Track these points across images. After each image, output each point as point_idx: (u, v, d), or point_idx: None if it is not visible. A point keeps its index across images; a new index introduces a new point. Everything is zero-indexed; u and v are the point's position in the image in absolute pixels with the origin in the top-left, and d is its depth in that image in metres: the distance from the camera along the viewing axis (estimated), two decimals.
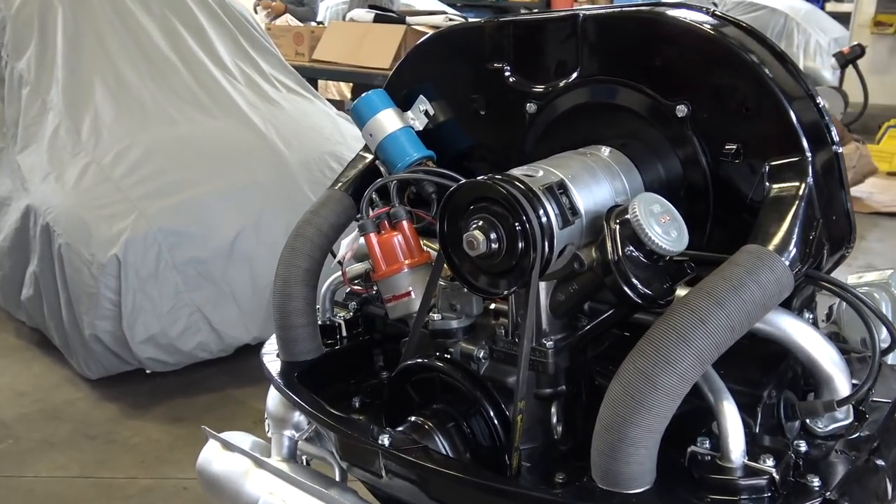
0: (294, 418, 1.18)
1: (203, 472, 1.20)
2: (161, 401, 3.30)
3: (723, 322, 0.75)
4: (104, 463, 2.89)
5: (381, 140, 1.15)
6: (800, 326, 0.86)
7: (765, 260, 0.78)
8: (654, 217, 0.83)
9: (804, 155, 0.84)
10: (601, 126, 1.00)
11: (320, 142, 3.80)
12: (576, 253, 0.87)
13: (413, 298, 1.06)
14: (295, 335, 1.14)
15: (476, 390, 0.94)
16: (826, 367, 0.85)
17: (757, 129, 0.87)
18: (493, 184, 0.84)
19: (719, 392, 0.81)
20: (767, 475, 0.77)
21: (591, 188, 0.90)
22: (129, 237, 3.03)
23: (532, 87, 1.05)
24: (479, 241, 0.84)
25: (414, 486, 0.93)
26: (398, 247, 1.06)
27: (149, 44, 3.91)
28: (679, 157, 0.94)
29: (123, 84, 3.70)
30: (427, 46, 1.18)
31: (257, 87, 4.06)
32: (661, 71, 0.93)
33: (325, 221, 1.17)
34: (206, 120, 3.69)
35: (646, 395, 0.75)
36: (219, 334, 3.28)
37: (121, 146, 3.41)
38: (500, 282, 0.87)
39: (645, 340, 0.77)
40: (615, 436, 0.77)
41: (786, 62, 0.89)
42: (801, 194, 0.83)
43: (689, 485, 0.80)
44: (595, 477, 0.81)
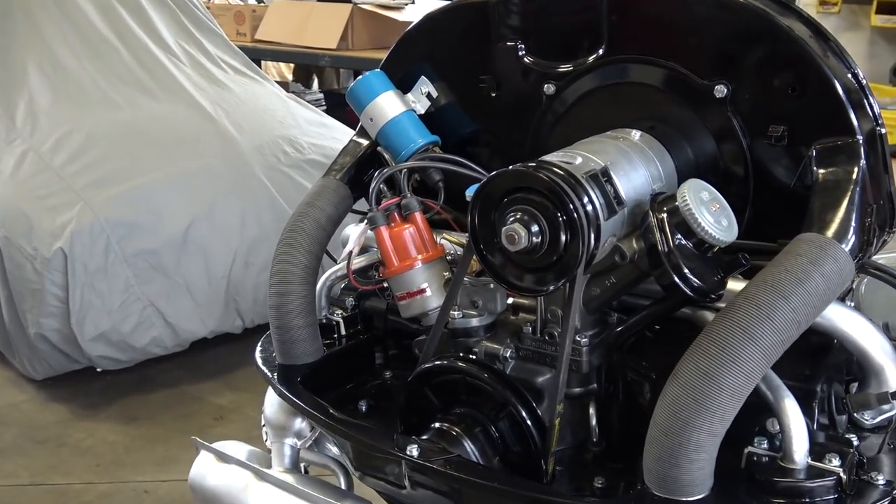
0: (295, 425, 1.10)
1: (197, 488, 1.11)
2: (113, 400, 3.16)
3: (789, 317, 0.71)
4: (56, 468, 2.74)
5: (383, 125, 1.07)
6: (851, 316, 0.82)
7: (827, 250, 0.74)
8: (705, 205, 0.78)
9: (855, 136, 0.81)
10: (627, 108, 0.94)
11: (273, 125, 3.67)
12: (617, 245, 0.82)
13: (428, 295, 0.99)
14: (294, 336, 1.06)
15: (507, 392, 0.88)
16: (877, 357, 0.82)
17: (805, 109, 0.83)
18: (532, 172, 0.77)
19: (779, 389, 0.77)
20: (835, 475, 0.74)
21: (630, 175, 0.84)
22: (75, 229, 2.88)
23: (550, 67, 0.99)
24: (521, 235, 0.77)
25: (445, 497, 0.87)
26: (411, 240, 0.99)
27: (85, 23, 3.71)
28: (715, 140, 0.89)
29: (59, 66, 3.50)
30: (428, 24, 1.10)
31: (203, 69, 3.90)
32: (697, 48, 0.88)
33: (323, 213, 1.08)
34: (150, 103, 3.53)
35: (710, 397, 0.71)
36: (173, 329, 3.16)
37: (60, 132, 3.23)
38: (539, 278, 0.80)
39: (706, 338, 0.72)
40: (675, 441, 0.72)
41: (828, 39, 0.85)
42: (854, 178, 0.79)
43: (750, 488, 0.76)
44: (649, 483, 0.76)
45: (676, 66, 0.89)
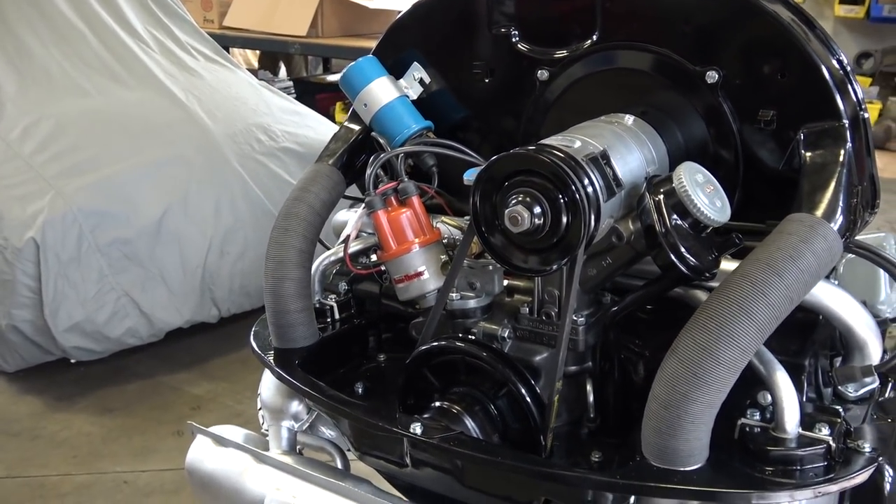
0: (292, 408, 1.11)
1: (194, 472, 1.12)
2: (88, 391, 3.12)
3: (783, 293, 0.74)
4: (32, 460, 2.71)
5: (378, 111, 1.08)
6: (837, 293, 0.86)
7: (817, 228, 0.78)
8: (700, 186, 0.81)
9: (841, 120, 0.84)
10: (619, 94, 0.97)
11: (246, 113, 3.64)
12: (614, 226, 0.84)
13: (426, 278, 1.00)
14: (291, 320, 1.07)
15: (507, 371, 0.90)
16: (862, 332, 0.86)
17: (793, 94, 0.86)
18: (535, 155, 0.79)
19: (771, 363, 0.80)
20: (824, 444, 0.77)
21: (626, 158, 0.87)
22: (47, 219, 2.83)
23: (544, 53, 1.01)
24: (524, 216, 0.79)
25: (446, 474, 0.89)
26: (409, 224, 1.00)
27: (50, 9, 3.63)
28: (706, 124, 0.92)
29: (25, 53, 3.43)
30: (421, 10, 1.11)
31: (173, 56, 3.84)
32: (689, 35, 0.90)
33: (317, 198, 1.09)
34: (120, 91, 3.48)
35: (707, 371, 0.74)
36: (148, 318, 3.13)
37: (28, 120, 3.17)
38: (542, 258, 0.82)
39: (703, 314, 0.75)
40: (674, 413, 0.75)
41: (814, 26, 0.88)
42: (841, 161, 0.83)
43: (744, 458, 0.79)
44: (648, 455, 0.79)
45: (668, 53, 0.92)
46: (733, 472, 0.77)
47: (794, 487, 0.75)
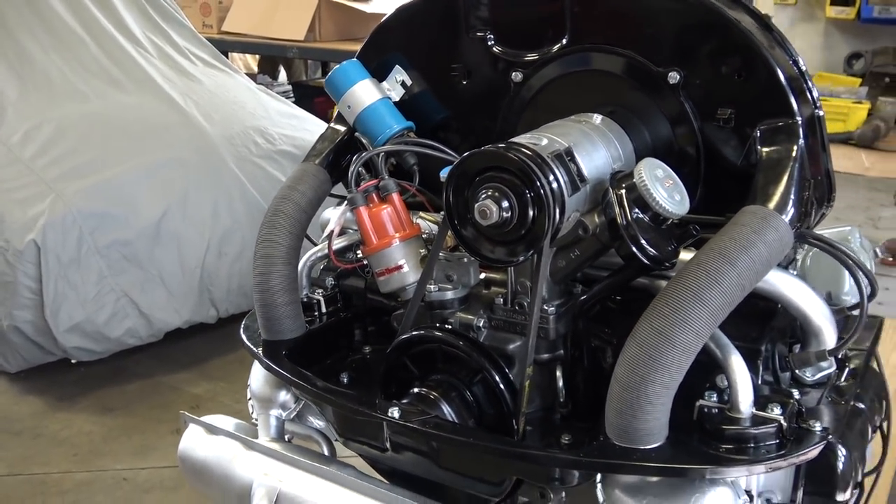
0: (280, 398, 1.16)
1: (186, 460, 1.16)
2: (89, 391, 3.17)
3: (734, 280, 0.79)
4: (33, 458, 2.76)
5: (360, 112, 1.13)
6: (792, 282, 0.91)
7: (769, 220, 0.82)
8: (659, 181, 0.85)
9: (795, 118, 0.89)
10: (589, 94, 1.01)
11: (243, 116, 3.69)
12: (580, 219, 0.89)
13: (405, 271, 1.05)
14: (278, 313, 1.12)
15: (481, 358, 0.95)
16: (817, 319, 0.91)
17: (750, 94, 0.90)
18: (503, 152, 0.84)
19: (726, 347, 0.85)
20: (776, 423, 0.82)
21: (591, 155, 0.91)
22: (47, 221, 2.88)
23: (517, 56, 1.05)
24: (492, 210, 0.84)
25: (423, 457, 0.94)
26: (389, 220, 1.05)
27: (50, 15, 3.69)
28: (670, 123, 0.97)
29: (26, 58, 3.48)
30: (403, 15, 1.16)
31: (171, 61, 3.89)
32: (652, 38, 0.95)
33: (304, 197, 1.14)
34: (119, 95, 3.53)
35: (664, 354, 0.78)
36: (148, 319, 3.17)
37: (29, 124, 3.22)
38: (509, 250, 0.87)
39: (660, 301, 0.80)
40: (634, 394, 0.80)
41: (772, 30, 0.93)
42: (794, 156, 0.87)
43: (701, 437, 0.84)
44: (611, 435, 0.83)
45: (634, 55, 0.97)
46: (690, 450, 0.82)
47: (746, 463, 0.80)
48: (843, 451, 0.89)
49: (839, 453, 0.88)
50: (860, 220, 2.14)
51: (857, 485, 0.92)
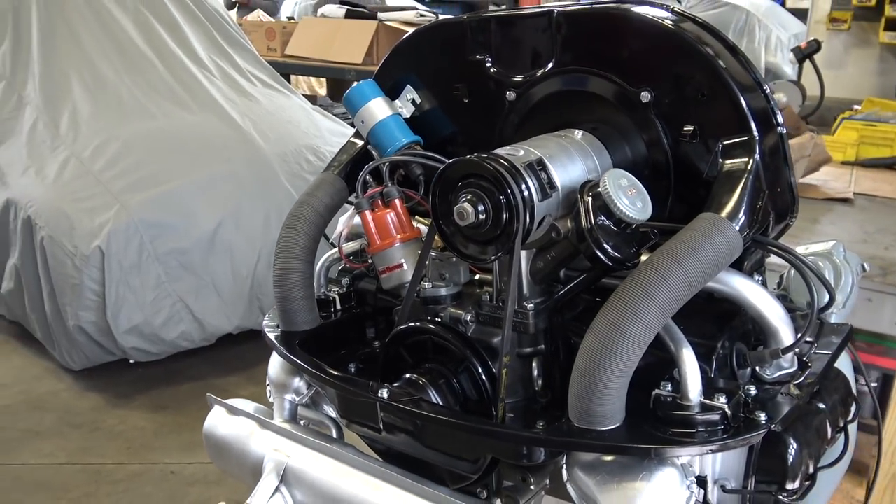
0: (294, 383, 1.28)
1: (209, 437, 1.29)
2: (144, 390, 3.37)
3: (681, 279, 0.87)
4: (90, 450, 2.95)
5: (373, 126, 1.25)
6: (750, 286, 0.98)
7: (717, 225, 0.90)
8: (622, 190, 0.94)
9: (752, 134, 0.96)
10: (574, 112, 1.11)
11: (297, 135, 3.88)
12: (553, 223, 0.98)
13: (405, 269, 1.16)
14: (294, 307, 1.24)
15: (465, 349, 1.05)
16: (773, 320, 0.98)
17: (711, 112, 0.99)
18: (481, 161, 0.95)
19: (679, 342, 0.93)
20: (720, 410, 0.89)
21: (567, 166, 1.01)
22: (112, 229, 3.09)
23: (511, 77, 1.16)
24: (469, 212, 0.94)
25: (410, 436, 1.04)
26: (391, 223, 1.16)
27: (124, 39, 3.96)
28: (643, 138, 1.06)
29: (100, 79, 3.75)
30: (413, 40, 1.28)
31: (233, 82, 4.13)
32: (627, 61, 1.04)
33: (321, 203, 1.26)
34: (182, 114, 3.76)
35: (616, 344, 0.87)
36: (201, 324, 3.36)
37: (99, 140, 3.46)
38: (486, 249, 0.97)
39: (615, 296, 0.89)
40: (590, 380, 0.88)
41: (737, 53, 1.01)
42: (749, 168, 0.95)
43: (654, 422, 0.91)
44: (572, 418, 0.92)
45: (612, 77, 1.06)
46: (640, 432, 0.89)
47: (687, 444, 0.87)
48: (794, 443, 0.95)
49: (790, 445, 0.95)
50: (888, 241, 2.17)
51: (809, 476, 0.98)
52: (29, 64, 3.69)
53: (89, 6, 3.96)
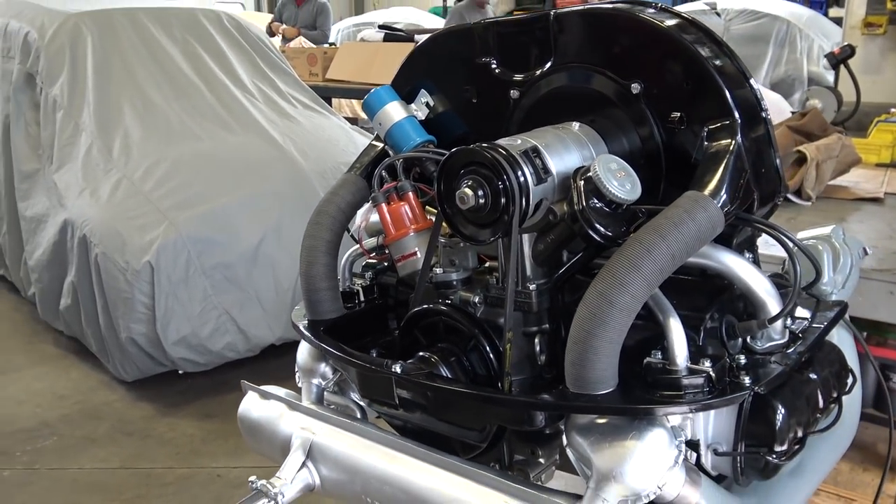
0: (321, 369, 1.37)
1: (243, 420, 1.39)
2: (192, 400, 3.51)
3: (665, 251, 0.93)
4: (142, 455, 3.10)
5: (389, 128, 1.34)
6: (738, 261, 1.04)
7: (699, 202, 0.97)
8: (612, 173, 1.01)
9: (734, 118, 1.03)
10: (572, 106, 1.18)
11: (335, 153, 4.02)
12: (550, 207, 1.06)
13: (419, 257, 1.25)
14: (320, 297, 1.33)
15: (474, 328, 1.13)
16: (759, 293, 1.03)
17: (695, 99, 1.05)
18: (480, 150, 1.03)
19: (667, 311, 0.99)
20: (705, 374, 0.95)
21: (562, 154, 1.08)
22: (161, 245, 3.25)
23: (514, 77, 1.24)
24: (469, 196, 1.03)
25: (422, 410, 1.12)
26: (405, 214, 1.25)
27: (172, 68, 4.16)
28: (636, 127, 1.13)
29: (150, 105, 3.95)
30: (426, 48, 1.38)
31: (275, 105, 4.29)
32: (617, 57, 1.12)
33: (343, 200, 1.36)
34: (227, 136, 3.93)
35: (606, 313, 0.93)
36: (245, 335, 3.49)
37: (149, 162, 3.65)
38: (486, 231, 1.05)
39: (604, 269, 0.96)
40: (583, 347, 0.95)
41: (721, 46, 1.08)
42: (731, 150, 1.01)
43: (644, 385, 0.98)
44: (568, 384, 0.98)
45: (605, 71, 1.14)
46: (631, 395, 0.96)
47: (673, 404, 0.93)
48: (783, 409, 1.00)
49: (778, 410, 1.00)
50: None
51: (798, 441, 1.03)
52: (84, 93, 3.91)
53: (141, 39, 4.18)
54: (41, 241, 3.79)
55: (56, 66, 4.00)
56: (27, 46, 4.12)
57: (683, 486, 0.97)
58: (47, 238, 3.72)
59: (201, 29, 4.41)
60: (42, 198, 3.86)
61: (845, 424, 1.21)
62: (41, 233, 3.80)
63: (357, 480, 1.17)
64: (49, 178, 3.81)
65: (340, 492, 1.22)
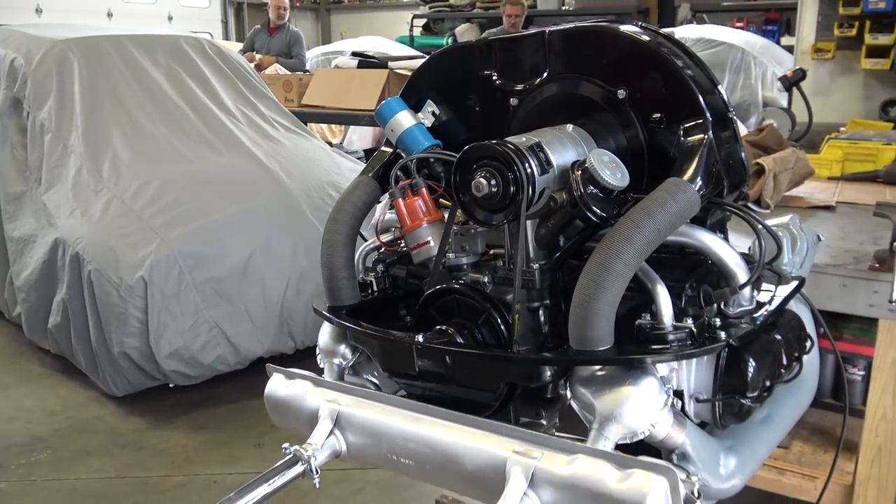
0: (341, 349, 1.51)
1: (270, 399, 1.52)
2: (182, 413, 3.60)
3: (652, 227, 1.11)
4: (137, 465, 3.18)
5: (400, 134, 1.51)
6: (712, 238, 1.22)
7: (679, 186, 1.15)
8: (605, 164, 1.19)
9: (705, 117, 1.21)
10: (566, 111, 1.36)
11: (319, 172, 4.17)
12: (552, 195, 1.23)
13: (432, 245, 1.41)
14: (339, 285, 1.48)
15: (486, 302, 1.29)
16: (730, 265, 1.21)
17: (672, 102, 1.24)
18: (493, 145, 1.20)
19: (654, 280, 1.16)
20: (688, 329, 1.13)
21: (560, 150, 1.26)
22: (154, 260, 3.36)
23: (513, 86, 1.42)
24: (483, 185, 1.19)
25: (439, 378, 1.27)
26: (419, 208, 1.41)
27: (158, 92, 4.29)
28: (622, 128, 1.31)
29: (138, 128, 4.07)
30: (431, 63, 1.55)
31: (258, 127, 4.44)
32: (605, 67, 1.30)
33: (359, 199, 1.52)
34: (214, 156, 4.07)
35: (603, 278, 1.10)
36: (235, 348, 3.59)
37: (139, 182, 3.76)
38: (498, 215, 1.22)
39: (602, 242, 1.13)
40: (584, 310, 1.12)
41: (693, 57, 1.27)
42: (704, 143, 1.20)
43: (635, 342, 1.15)
44: (571, 343, 1.15)
45: (594, 80, 1.32)
46: (625, 350, 1.13)
47: (661, 354, 1.11)
48: (753, 361, 1.18)
49: (749, 362, 1.18)
50: (863, 238, 2.40)
51: (766, 389, 1.20)
52: (72, 117, 4.02)
53: (126, 64, 4.31)
54: (29, 261, 3.86)
55: (43, 91, 4.11)
56: (14, 72, 4.22)
57: (671, 427, 1.14)
58: (36, 257, 3.80)
59: (184, 55, 4.55)
60: (30, 219, 3.94)
61: (806, 384, 1.39)
62: (29, 253, 3.87)
63: (383, 442, 1.31)
64: (37, 199, 3.90)
65: (365, 454, 1.36)
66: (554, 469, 1.08)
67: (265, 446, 3.28)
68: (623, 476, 1.03)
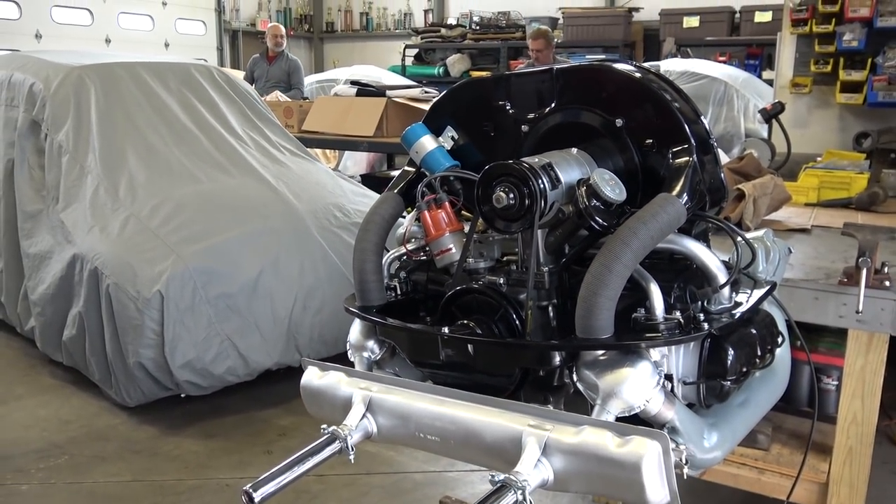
0: (370, 344, 1.71)
1: (306, 389, 1.70)
2: (193, 422, 3.75)
3: (646, 233, 1.32)
4: (153, 470, 3.33)
5: (424, 155, 1.72)
6: (696, 244, 1.43)
7: (669, 199, 1.36)
8: (605, 181, 1.40)
9: (690, 143, 1.43)
10: (570, 137, 1.58)
11: (324, 195, 4.38)
12: (560, 208, 1.44)
13: (453, 252, 1.61)
14: (369, 287, 1.68)
15: (502, 300, 1.49)
16: (712, 268, 1.42)
17: (662, 129, 1.46)
18: (512, 164, 1.41)
19: (648, 279, 1.37)
20: (676, 320, 1.33)
21: (567, 170, 1.47)
22: (170, 275, 3.54)
23: (525, 116, 1.64)
24: (503, 198, 1.41)
25: (462, 367, 1.47)
26: (443, 219, 1.62)
27: (170, 116, 4.50)
28: (619, 151, 1.52)
29: (152, 150, 4.27)
30: (451, 94, 1.77)
31: (266, 151, 4.65)
32: (606, 99, 1.52)
33: (386, 212, 1.72)
34: (225, 178, 4.26)
35: (605, 276, 1.31)
36: (245, 360, 3.76)
37: (155, 202, 3.95)
38: (515, 224, 1.43)
39: (604, 247, 1.34)
40: (589, 303, 1.32)
41: (681, 93, 1.49)
42: (689, 164, 1.41)
43: (633, 332, 1.35)
44: (578, 333, 1.35)
45: (595, 110, 1.54)
46: (624, 338, 1.33)
47: (654, 340, 1.31)
48: (732, 350, 1.39)
49: (728, 351, 1.38)
50: (835, 257, 2.62)
51: (744, 374, 1.41)
52: (89, 139, 4.21)
53: (139, 89, 4.51)
54: (45, 276, 4.02)
55: (61, 114, 4.30)
56: (33, 96, 4.41)
57: (662, 405, 1.34)
58: (52, 272, 3.96)
59: (194, 82, 4.77)
60: (46, 236, 4.11)
61: (778, 376, 1.60)
62: (45, 268, 4.04)
63: (411, 422, 1.50)
64: (54, 216, 4.07)
65: (394, 434, 1.55)
66: (564, 438, 1.28)
67: (274, 453, 3.45)
68: (623, 442, 1.22)
